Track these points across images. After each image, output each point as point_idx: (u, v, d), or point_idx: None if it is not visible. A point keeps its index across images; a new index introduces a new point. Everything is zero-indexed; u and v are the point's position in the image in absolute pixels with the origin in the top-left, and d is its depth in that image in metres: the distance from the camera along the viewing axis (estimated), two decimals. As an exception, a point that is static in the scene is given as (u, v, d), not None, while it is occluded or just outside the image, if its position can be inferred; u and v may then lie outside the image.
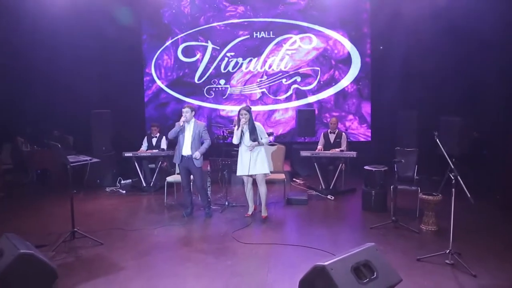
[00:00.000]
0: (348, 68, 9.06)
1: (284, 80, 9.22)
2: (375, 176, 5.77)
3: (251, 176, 5.43)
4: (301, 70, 9.17)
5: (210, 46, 9.29)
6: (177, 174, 6.14)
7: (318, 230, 5.05)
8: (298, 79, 9.20)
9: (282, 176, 6.36)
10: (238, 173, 5.45)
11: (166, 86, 9.38)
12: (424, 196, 4.86)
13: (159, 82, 9.43)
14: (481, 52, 6.86)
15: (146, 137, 7.73)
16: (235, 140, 5.43)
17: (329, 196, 6.59)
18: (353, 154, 6.61)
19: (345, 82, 9.10)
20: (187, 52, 9.38)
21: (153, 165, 7.49)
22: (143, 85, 9.42)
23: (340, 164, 6.72)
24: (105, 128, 7.86)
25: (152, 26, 9.34)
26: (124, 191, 7.31)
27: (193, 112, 5.51)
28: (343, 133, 7.29)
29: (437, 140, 4.03)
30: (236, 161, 6.00)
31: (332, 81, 9.14)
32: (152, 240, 4.67)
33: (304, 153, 6.89)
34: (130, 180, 7.92)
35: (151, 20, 9.31)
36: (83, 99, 8.09)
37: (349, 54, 9.02)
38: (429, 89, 7.92)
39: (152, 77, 9.44)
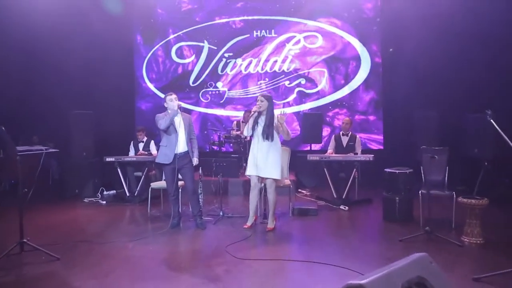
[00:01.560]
0: (357, 69, 8.26)
1: (287, 82, 8.40)
2: (399, 180, 4.83)
3: (260, 178, 4.51)
4: (305, 71, 8.37)
5: (206, 46, 8.54)
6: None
7: (334, 243, 4.08)
8: (303, 81, 8.39)
9: (287, 182, 5.41)
10: (247, 172, 4.55)
11: (158, 89, 8.57)
12: (465, 200, 3.91)
13: (150, 85, 8.64)
14: (497, 50, 6.13)
15: (132, 143, 6.85)
16: (245, 131, 4.55)
17: (342, 207, 5.62)
18: (369, 157, 5.70)
19: (354, 84, 8.27)
20: (181, 52, 8.63)
21: (139, 173, 6.56)
22: (133, 87, 8.62)
23: (354, 170, 5.79)
24: (87, 131, 6.95)
25: (145, 24, 8.64)
26: (104, 202, 6.35)
27: None
28: (357, 136, 6.42)
29: (491, 120, 3.10)
30: (234, 163, 5.10)
31: (340, 83, 8.32)
32: (124, 255, 3.69)
33: (312, 157, 5.97)
34: (114, 191, 6.94)
35: (144, 18, 8.61)
36: (66, 100, 7.21)
37: (358, 54, 8.24)
38: (444, 89, 7.07)
39: (143, 79, 8.65)
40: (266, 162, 4.40)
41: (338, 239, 4.26)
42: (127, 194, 6.36)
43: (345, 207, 5.59)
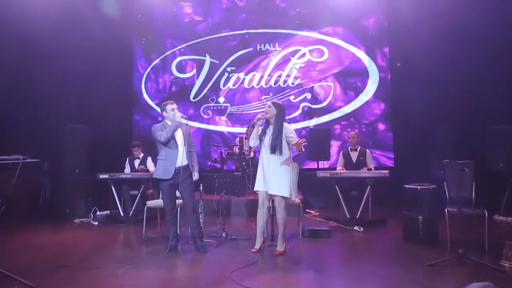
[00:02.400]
0: (365, 83, 7.90)
1: (292, 97, 8.04)
2: (422, 197, 4.36)
3: (269, 195, 4.04)
4: (311, 86, 8.02)
5: (208, 60, 8.23)
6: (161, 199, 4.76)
7: (352, 268, 3.58)
8: (309, 96, 8.02)
9: (296, 200, 4.93)
10: (255, 187, 4.11)
11: (157, 104, 8.18)
12: (503, 219, 3.43)
13: (148, 99, 8.27)
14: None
15: (127, 160, 6.41)
16: (250, 142, 4.12)
17: (356, 227, 5.12)
18: (384, 173, 5.25)
19: (363, 98, 7.89)
20: (182, 67, 8.31)
21: (135, 192, 6.08)
22: (131, 101, 8.26)
23: (368, 188, 5.32)
24: (81, 146, 6.52)
25: (145, 37, 8.35)
26: (96, 223, 5.84)
27: None
28: (367, 150, 5.99)
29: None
30: (238, 179, 4.64)
31: (347, 98, 7.95)
32: (112, 283, 3.18)
33: (321, 174, 5.52)
34: (108, 212, 6.44)
35: (144, 31, 8.33)
36: (60, 114, 6.78)
37: (365, 67, 7.90)
38: (459, 101, 6.68)
39: (141, 93, 8.29)
40: (274, 177, 3.95)
41: (356, 263, 3.76)
42: (121, 214, 5.87)
43: (359, 228, 5.09)
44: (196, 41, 8.24)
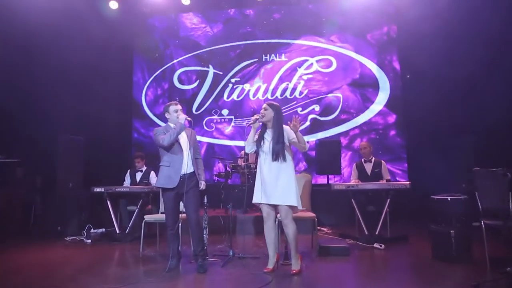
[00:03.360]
0: (375, 95, 7.55)
1: (299, 109, 7.67)
2: (453, 209, 3.90)
3: (270, 206, 3.58)
4: (319, 97, 7.66)
5: (211, 71, 7.92)
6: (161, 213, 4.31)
7: (382, 290, 3.09)
8: (317, 108, 7.65)
9: (310, 214, 4.48)
10: (254, 199, 3.62)
11: (157, 116, 7.81)
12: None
13: (149, 111, 7.91)
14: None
15: (128, 172, 5.98)
16: (246, 148, 3.69)
17: (377, 245, 4.62)
18: (405, 185, 4.81)
19: (372, 111, 7.51)
20: (185, 78, 7.99)
21: (133, 207, 5.61)
22: (130, 113, 7.89)
23: (388, 201, 4.86)
24: (76, 159, 6.11)
25: (146, 47, 8.07)
26: (89, 241, 5.34)
27: None
28: (382, 161, 5.57)
29: None
30: (247, 190, 4.19)
31: (357, 110, 7.57)
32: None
33: (337, 187, 5.06)
34: (103, 230, 5.94)
35: (145, 41, 8.07)
36: (55, 123, 6.39)
37: (375, 77, 7.57)
38: (477, 109, 6.31)
39: (142, 105, 7.94)
40: (276, 185, 3.48)
41: (381, 283, 3.27)
42: (117, 231, 5.37)
43: (380, 245, 4.59)
44: (199, 51, 7.96)
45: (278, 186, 3.47)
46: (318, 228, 5.87)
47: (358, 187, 4.96)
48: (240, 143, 7.70)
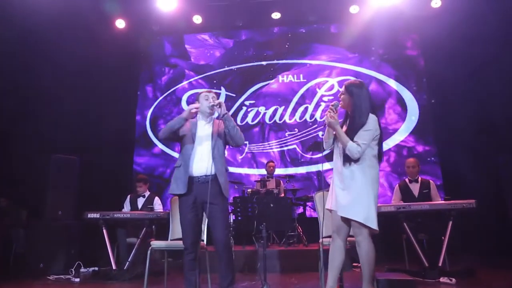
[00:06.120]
0: (402, 118, 6.86)
1: (321, 133, 6.93)
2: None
3: (341, 219, 2.72)
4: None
5: (223, 93, 7.28)
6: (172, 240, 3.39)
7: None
8: (339, 131, 6.91)
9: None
10: (326, 204, 2.87)
11: (161, 140, 7.02)
12: None
13: (152, 135, 7.13)
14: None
15: (128, 197, 5.10)
16: (324, 145, 2.95)
17: (445, 279, 3.64)
18: (471, 203, 3.93)
19: (400, 136, 6.78)
20: (194, 100, 7.31)
21: (133, 239, 4.63)
22: (133, 135, 7.10)
23: (450, 224, 3.96)
24: (68, 182, 5.21)
25: (154, 67, 7.49)
26: (77, 280, 4.29)
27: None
28: (431, 181, 4.74)
29: None
30: (286, 206, 3.33)
31: (384, 134, 6.81)
32: None
33: (383, 209, 4.16)
34: (96, 268, 4.89)
35: (153, 60, 7.52)
36: (47, 140, 5.57)
37: (403, 100, 6.93)
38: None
39: (145, 127, 7.17)
40: (347, 194, 2.66)
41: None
42: (113, 268, 4.35)
43: (450, 279, 3.61)
44: (211, 72, 7.37)
45: (349, 194, 2.68)
46: (354, 264, 4.90)
47: (411, 208, 4.07)
48: (253, 171, 6.88)
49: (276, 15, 7.01)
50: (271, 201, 3.17)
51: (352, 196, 2.66)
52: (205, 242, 3.43)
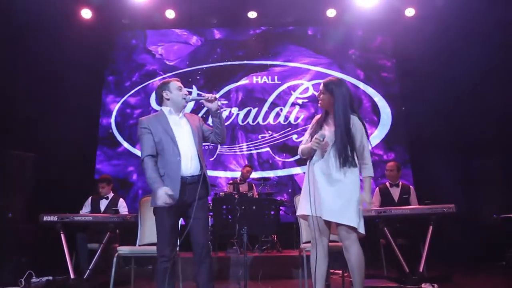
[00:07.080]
0: (375, 124, 6.87)
1: (294, 136, 6.80)
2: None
3: (328, 225, 2.54)
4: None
5: (195, 92, 6.97)
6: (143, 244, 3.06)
7: None
8: (314, 135, 6.80)
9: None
10: (300, 210, 2.64)
11: (127, 140, 6.60)
12: None
13: (118, 135, 6.69)
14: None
15: (89, 199, 4.69)
16: (303, 151, 2.68)
17: (427, 285, 3.56)
18: (451, 207, 3.89)
19: (376, 136, 6.80)
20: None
21: (95, 245, 4.22)
22: (96, 133, 6.62)
23: (430, 229, 3.91)
24: (22, 181, 4.69)
25: (120, 63, 7.06)
26: (29, 291, 3.83)
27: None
28: (411, 187, 4.73)
29: None
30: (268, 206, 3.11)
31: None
32: None
33: (365, 214, 4.00)
34: (50, 278, 4.42)
35: (120, 55, 7.10)
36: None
37: (376, 106, 6.94)
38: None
39: (110, 125, 6.72)
40: (337, 198, 2.49)
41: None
42: (71, 277, 3.90)
43: (433, 285, 3.54)
44: (182, 70, 7.05)
45: (339, 198, 2.51)
46: (331, 271, 4.74)
47: (392, 212, 3.97)
48: (226, 174, 6.62)
49: (252, 14, 6.84)
50: (252, 202, 2.93)
51: (343, 200, 2.50)
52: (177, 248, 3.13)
